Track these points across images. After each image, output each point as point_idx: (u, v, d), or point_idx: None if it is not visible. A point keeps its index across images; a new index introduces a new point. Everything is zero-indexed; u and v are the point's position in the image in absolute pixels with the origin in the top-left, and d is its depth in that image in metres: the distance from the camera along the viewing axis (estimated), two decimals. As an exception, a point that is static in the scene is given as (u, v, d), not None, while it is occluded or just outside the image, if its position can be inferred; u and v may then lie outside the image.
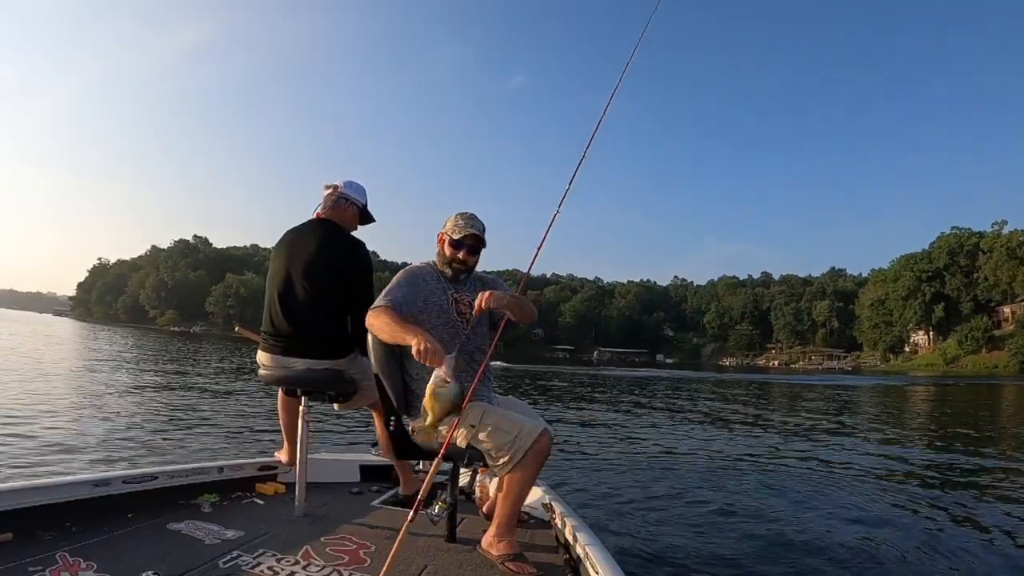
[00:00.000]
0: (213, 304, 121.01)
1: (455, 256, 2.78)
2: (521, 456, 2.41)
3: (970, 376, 59.66)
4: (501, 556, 2.41)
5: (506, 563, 2.38)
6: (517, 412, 2.66)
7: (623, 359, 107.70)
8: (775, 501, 5.93)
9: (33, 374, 14.32)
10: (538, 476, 2.62)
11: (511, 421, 2.48)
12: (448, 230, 2.79)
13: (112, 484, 2.80)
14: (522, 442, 2.42)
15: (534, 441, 2.42)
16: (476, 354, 2.75)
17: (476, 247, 2.80)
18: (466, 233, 2.75)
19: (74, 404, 10.07)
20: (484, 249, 2.85)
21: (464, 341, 2.72)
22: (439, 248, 2.83)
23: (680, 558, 4.22)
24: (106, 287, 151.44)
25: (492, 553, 2.45)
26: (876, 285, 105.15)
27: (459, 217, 2.81)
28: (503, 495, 2.51)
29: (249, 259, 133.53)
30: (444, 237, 2.80)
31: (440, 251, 2.83)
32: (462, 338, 2.72)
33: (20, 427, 7.46)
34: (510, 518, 2.50)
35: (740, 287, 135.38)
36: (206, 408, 11.10)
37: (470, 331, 2.76)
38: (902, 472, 7.91)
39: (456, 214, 2.83)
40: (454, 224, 2.79)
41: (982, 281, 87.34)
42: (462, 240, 2.76)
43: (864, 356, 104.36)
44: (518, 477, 2.44)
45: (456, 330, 2.73)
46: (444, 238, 2.80)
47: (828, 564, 4.22)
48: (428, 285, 2.76)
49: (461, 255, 2.78)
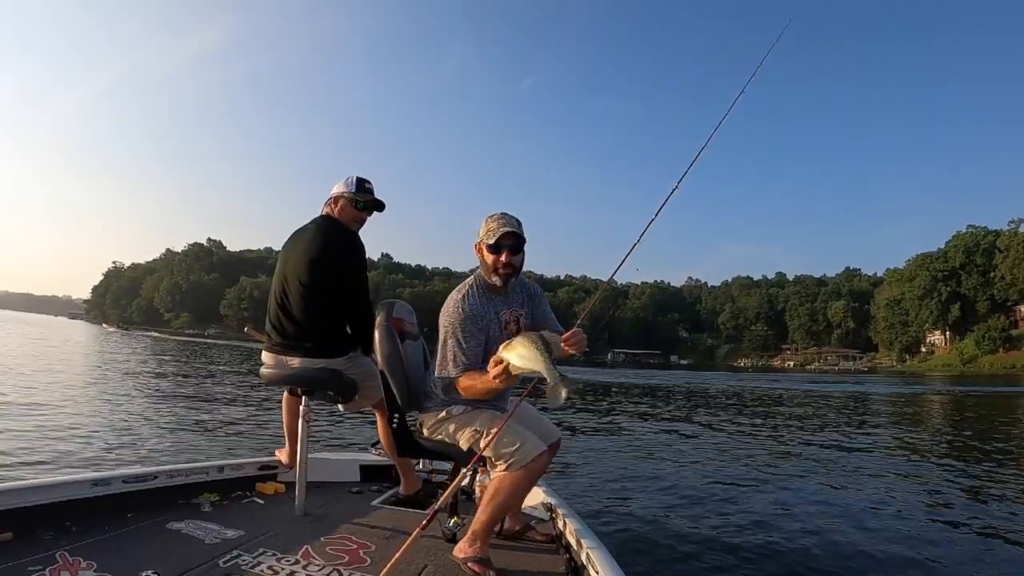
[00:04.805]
0: (227, 307, 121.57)
1: (498, 262, 2.61)
2: (516, 470, 2.39)
3: (988, 377, 58.84)
4: (466, 558, 2.38)
5: (469, 564, 2.35)
6: (529, 420, 2.65)
7: (637, 360, 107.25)
8: (780, 508, 5.87)
9: (36, 374, 14.46)
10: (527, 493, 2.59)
11: (515, 434, 2.44)
12: (483, 236, 2.62)
13: (112, 483, 2.81)
14: (519, 457, 2.39)
15: (531, 460, 2.39)
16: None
17: (516, 245, 2.62)
18: (501, 233, 2.57)
19: (75, 404, 10.18)
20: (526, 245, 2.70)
21: None
22: (480, 258, 2.68)
23: (681, 559, 4.21)
24: (121, 290, 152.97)
25: (459, 556, 2.41)
26: (892, 285, 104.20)
27: (490, 220, 2.63)
28: (487, 499, 2.45)
29: (263, 262, 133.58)
30: (481, 246, 2.64)
31: (482, 260, 2.67)
32: None
33: (20, 427, 7.54)
34: (487, 524, 2.44)
35: (754, 287, 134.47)
36: (206, 408, 11.20)
37: None
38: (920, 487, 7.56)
39: (486, 218, 2.66)
40: (487, 229, 2.61)
41: (999, 280, 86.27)
42: (499, 243, 2.59)
43: (880, 357, 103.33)
44: (507, 488, 2.41)
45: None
46: (481, 247, 2.64)
47: (829, 569, 4.18)
48: (484, 317, 2.62)
49: (503, 258, 2.60)
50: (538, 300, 2.83)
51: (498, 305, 2.68)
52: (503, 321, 2.67)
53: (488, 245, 2.59)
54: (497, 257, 2.60)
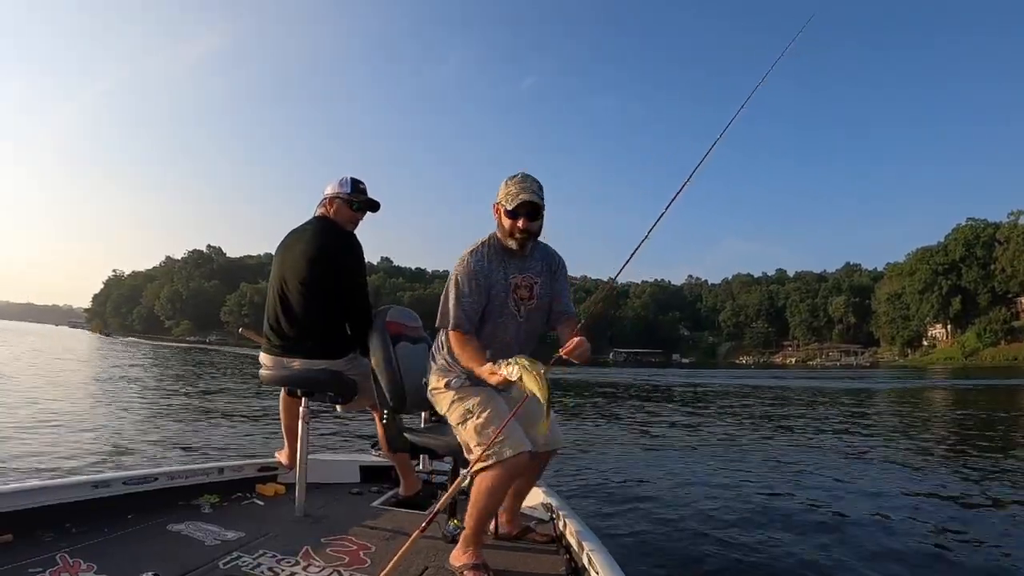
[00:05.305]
0: (228, 314, 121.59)
1: (514, 227, 2.51)
2: (490, 463, 2.31)
3: (990, 369, 58.78)
4: (461, 566, 2.34)
5: (465, 573, 2.32)
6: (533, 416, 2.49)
7: (639, 359, 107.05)
8: (783, 508, 5.80)
9: (37, 379, 14.48)
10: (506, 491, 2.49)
11: (502, 423, 2.35)
12: (501, 199, 2.52)
13: (112, 485, 2.81)
14: (497, 450, 2.31)
15: (510, 456, 2.30)
16: (527, 342, 2.64)
17: (534, 214, 2.52)
18: (519, 201, 2.46)
19: (75, 407, 10.20)
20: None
21: (516, 328, 2.61)
22: (497, 220, 2.58)
23: (683, 560, 4.20)
24: (121, 298, 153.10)
25: (455, 565, 2.37)
26: (892, 279, 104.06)
27: (510, 183, 2.52)
28: (470, 504, 2.39)
29: (263, 267, 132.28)
30: (499, 208, 2.54)
31: (499, 223, 2.57)
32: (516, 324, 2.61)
33: (21, 428, 7.56)
34: (474, 529, 2.40)
35: (755, 284, 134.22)
36: (206, 410, 11.21)
37: (525, 317, 2.62)
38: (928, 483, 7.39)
39: (507, 179, 2.54)
40: (506, 192, 2.50)
41: (999, 273, 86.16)
42: (516, 210, 2.48)
43: (882, 351, 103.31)
44: (484, 486, 2.34)
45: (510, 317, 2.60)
46: (500, 209, 2.54)
47: (834, 568, 4.17)
48: (488, 276, 2.55)
49: (520, 224, 2.50)
50: (558, 273, 2.72)
51: (510, 268, 2.59)
52: (512, 284, 2.58)
53: (506, 210, 2.50)
54: (514, 223, 2.51)
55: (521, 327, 2.62)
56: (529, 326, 2.65)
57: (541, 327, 2.71)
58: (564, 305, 2.69)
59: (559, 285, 2.71)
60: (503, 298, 2.56)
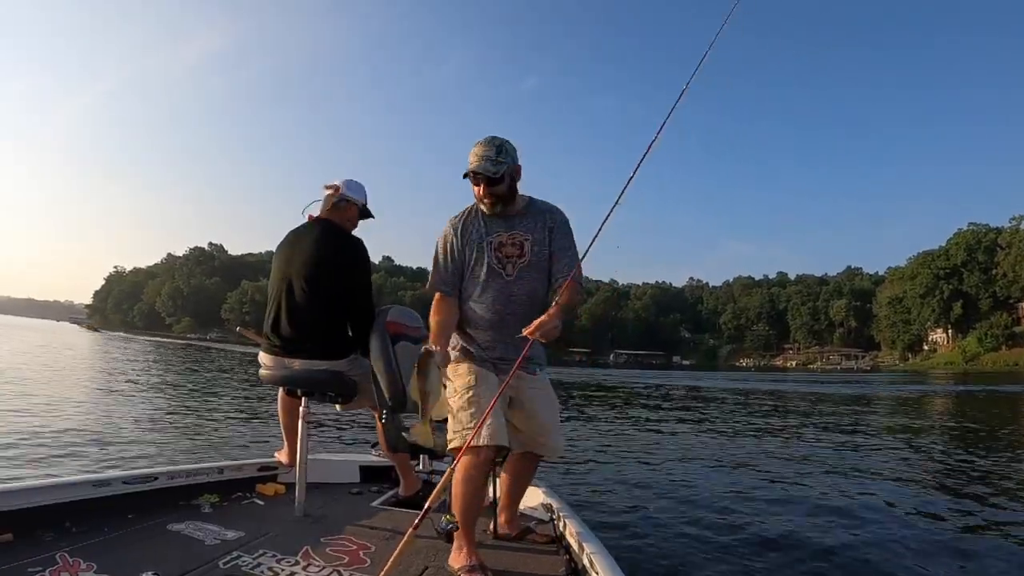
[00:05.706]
0: (229, 311, 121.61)
1: (476, 193, 2.49)
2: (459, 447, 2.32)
3: (991, 375, 58.67)
4: (459, 568, 2.31)
5: (461, 574, 2.29)
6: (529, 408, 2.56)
7: (640, 361, 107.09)
8: (784, 510, 5.79)
9: (37, 377, 14.48)
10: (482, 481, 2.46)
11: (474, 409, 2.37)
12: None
13: (112, 484, 2.81)
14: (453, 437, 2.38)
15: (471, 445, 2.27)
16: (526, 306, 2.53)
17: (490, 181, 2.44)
18: (467, 170, 2.44)
19: (74, 405, 10.20)
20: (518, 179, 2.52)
21: (503, 286, 2.53)
22: None
23: (684, 561, 4.19)
24: (122, 295, 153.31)
25: (453, 567, 2.33)
26: (893, 283, 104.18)
27: (475, 147, 2.46)
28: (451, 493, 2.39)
29: (264, 265, 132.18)
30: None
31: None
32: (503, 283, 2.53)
33: (21, 427, 7.56)
34: (463, 521, 2.36)
35: (756, 287, 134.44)
36: (206, 409, 11.20)
37: (515, 275, 2.53)
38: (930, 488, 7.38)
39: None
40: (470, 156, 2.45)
41: (1001, 277, 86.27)
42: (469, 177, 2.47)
43: (882, 355, 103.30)
44: (458, 474, 2.34)
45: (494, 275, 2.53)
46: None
47: (835, 571, 4.16)
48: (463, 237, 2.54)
49: (480, 191, 2.47)
50: (558, 231, 2.58)
51: (494, 227, 2.54)
52: (493, 243, 2.52)
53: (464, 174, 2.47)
54: (476, 188, 2.49)
55: (510, 286, 2.53)
56: (523, 286, 2.54)
57: (542, 289, 2.59)
58: (560, 265, 2.55)
59: (558, 243, 2.58)
60: (480, 256, 2.53)
